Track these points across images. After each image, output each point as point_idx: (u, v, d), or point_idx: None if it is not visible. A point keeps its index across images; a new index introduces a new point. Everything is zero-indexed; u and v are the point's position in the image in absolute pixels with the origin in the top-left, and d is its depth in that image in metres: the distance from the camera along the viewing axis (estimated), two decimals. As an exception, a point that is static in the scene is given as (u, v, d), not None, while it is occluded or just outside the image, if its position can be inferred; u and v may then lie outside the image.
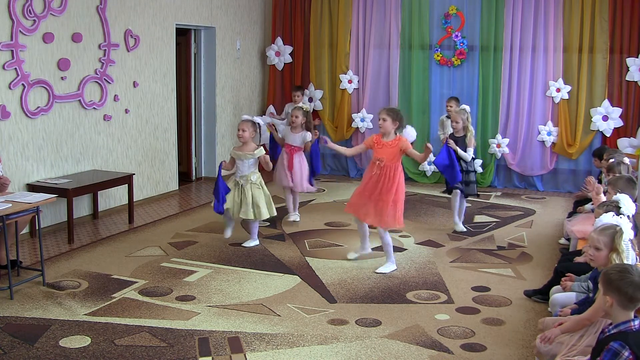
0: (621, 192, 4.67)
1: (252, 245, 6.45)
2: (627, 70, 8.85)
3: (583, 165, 9.28)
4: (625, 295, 2.87)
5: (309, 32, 10.27)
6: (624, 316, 2.90)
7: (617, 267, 3.02)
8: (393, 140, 5.67)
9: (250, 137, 6.35)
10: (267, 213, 6.36)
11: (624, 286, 2.87)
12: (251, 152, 6.30)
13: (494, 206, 8.44)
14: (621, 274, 2.90)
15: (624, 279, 2.88)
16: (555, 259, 6.02)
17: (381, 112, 5.75)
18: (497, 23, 9.36)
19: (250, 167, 6.35)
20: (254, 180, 6.32)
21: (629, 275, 2.89)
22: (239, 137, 6.36)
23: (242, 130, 6.31)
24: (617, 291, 2.88)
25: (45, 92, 6.65)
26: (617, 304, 2.89)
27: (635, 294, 2.87)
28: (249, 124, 6.35)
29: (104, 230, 6.96)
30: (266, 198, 6.37)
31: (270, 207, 6.40)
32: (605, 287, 2.94)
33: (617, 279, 2.89)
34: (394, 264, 5.86)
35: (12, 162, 6.35)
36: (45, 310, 4.78)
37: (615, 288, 2.89)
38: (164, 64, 8.40)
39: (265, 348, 4.24)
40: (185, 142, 9.50)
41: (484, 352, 4.27)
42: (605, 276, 2.96)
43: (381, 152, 5.69)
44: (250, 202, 6.27)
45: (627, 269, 2.95)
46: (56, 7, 6.66)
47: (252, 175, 6.33)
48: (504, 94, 9.44)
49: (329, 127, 10.33)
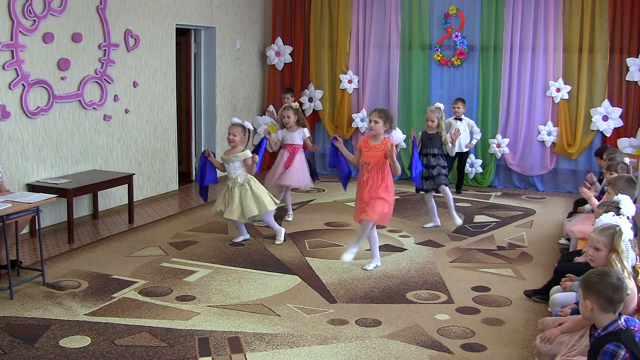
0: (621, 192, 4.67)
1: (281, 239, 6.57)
2: (627, 70, 8.85)
3: (583, 165, 9.28)
4: (604, 298, 2.88)
5: (309, 32, 10.27)
6: (607, 318, 2.90)
7: (596, 271, 3.02)
8: (380, 144, 5.63)
9: (241, 141, 6.37)
10: (255, 211, 6.31)
11: (603, 289, 2.88)
12: (235, 155, 6.33)
13: (494, 206, 8.44)
14: (600, 277, 2.92)
15: (602, 282, 2.90)
16: (555, 259, 6.02)
17: (372, 114, 5.70)
18: (497, 23, 9.36)
19: (237, 170, 6.35)
20: (240, 182, 6.32)
21: (607, 278, 2.91)
22: (229, 142, 6.39)
23: (233, 134, 6.34)
24: (596, 294, 2.89)
25: (45, 92, 6.65)
26: (597, 308, 2.90)
27: (614, 296, 2.88)
28: (240, 129, 6.37)
29: (104, 230, 6.96)
30: (254, 196, 6.33)
31: (260, 203, 6.32)
32: (584, 292, 2.95)
33: (596, 282, 2.91)
34: (378, 260, 5.90)
35: (12, 162, 6.35)
36: (45, 310, 4.78)
37: (594, 291, 2.90)
38: (164, 64, 8.40)
39: (265, 348, 4.24)
40: (185, 142, 9.50)
41: (484, 352, 4.27)
42: (584, 281, 2.98)
43: (368, 155, 5.68)
44: (237, 203, 6.28)
45: (606, 272, 2.96)
46: (56, 7, 6.66)
47: (239, 178, 6.33)
48: (504, 94, 9.44)
49: (329, 127, 10.33)
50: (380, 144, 5.62)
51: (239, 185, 6.32)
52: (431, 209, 7.26)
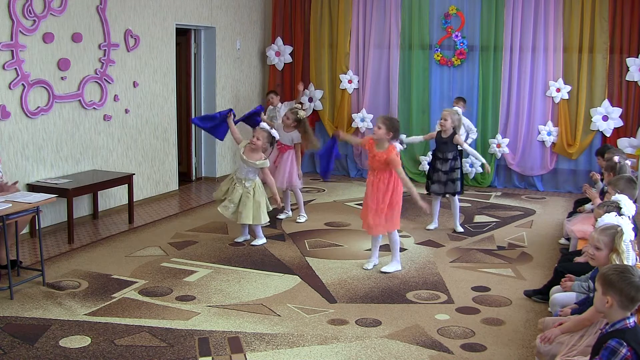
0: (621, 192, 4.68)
1: (259, 244, 6.48)
2: (627, 70, 8.85)
3: (583, 165, 9.29)
4: (626, 296, 2.88)
5: (309, 32, 10.27)
6: (621, 315, 2.91)
7: (617, 268, 3.01)
8: (384, 152, 5.58)
9: (262, 147, 6.35)
10: (249, 220, 6.29)
11: (626, 287, 2.88)
12: (254, 162, 6.29)
13: (494, 206, 8.44)
14: (622, 275, 2.91)
15: (626, 280, 2.89)
16: (555, 259, 6.02)
17: (378, 119, 5.71)
18: (497, 23, 9.36)
19: (249, 174, 6.33)
20: (247, 186, 6.31)
21: (630, 276, 2.90)
22: (252, 143, 6.33)
23: (257, 138, 6.30)
24: (619, 292, 2.88)
25: (45, 92, 6.65)
26: (618, 305, 2.89)
27: (637, 294, 2.88)
28: (265, 134, 6.34)
29: (104, 230, 6.96)
30: (254, 205, 6.30)
31: (257, 215, 6.31)
32: (604, 288, 2.94)
33: (618, 280, 2.90)
34: (399, 264, 5.85)
35: (12, 162, 6.35)
36: (45, 310, 4.77)
37: (617, 289, 2.89)
38: (164, 64, 8.40)
39: (265, 348, 4.24)
40: (185, 142, 9.50)
41: (484, 352, 4.27)
42: (604, 277, 2.96)
43: (372, 161, 5.67)
44: (235, 203, 6.27)
45: (627, 270, 2.95)
46: (56, 7, 6.66)
47: (247, 182, 6.32)
48: (504, 94, 9.44)
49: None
50: (384, 152, 5.58)
51: (244, 187, 6.31)
52: (435, 212, 7.24)
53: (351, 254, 6.30)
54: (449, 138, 6.93)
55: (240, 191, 6.29)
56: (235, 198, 6.28)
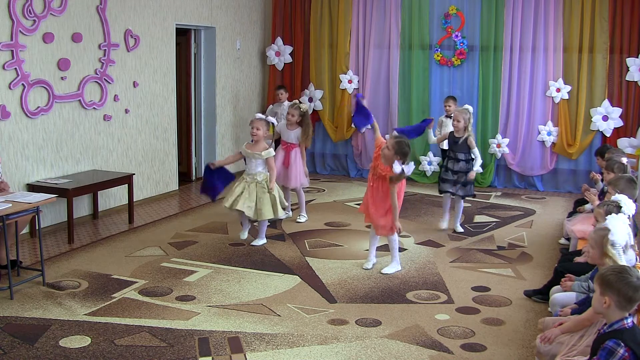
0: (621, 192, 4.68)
1: (259, 244, 6.46)
2: (627, 70, 8.85)
3: (583, 165, 9.29)
4: (624, 297, 2.88)
5: (309, 32, 10.27)
6: (619, 316, 2.91)
7: (615, 269, 3.02)
8: (387, 167, 5.51)
9: (263, 135, 6.33)
10: (270, 214, 6.30)
11: (624, 287, 2.88)
12: (259, 152, 6.29)
13: (494, 206, 8.44)
14: (620, 275, 2.92)
15: (623, 280, 2.89)
16: (555, 259, 6.02)
17: (389, 140, 5.56)
18: (497, 23, 9.36)
19: (258, 167, 6.31)
20: (259, 180, 6.29)
21: (628, 277, 2.90)
22: (253, 135, 6.30)
23: (257, 128, 6.26)
24: (617, 292, 2.89)
25: (45, 92, 6.65)
26: (615, 305, 2.90)
27: (634, 295, 2.88)
28: (263, 123, 6.31)
29: (104, 230, 6.96)
30: (272, 199, 6.30)
31: (276, 208, 6.33)
32: (602, 288, 2.95)
33: (616, 280, 2.90)
34: (399, 265, 5.85)
35: (12, 162, 6.35)
36: (45, 310, 4.77)
37: (615, 289, 2.90)
38: (164, 64, 8.40)
39: (265, 348, 4.24)
40: (185, 142, 9.50)
41: (484, 352, 4.27)
42: (602, 277, 2.97)
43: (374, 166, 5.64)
44: (253, 201, 6.25)
45: (625, 270, 2.96)
46: (56, 7, 6.66)
47: (258, 176, 6.30)
48: (504, 94, 9.44)
49: (329, 127, 10.33)
50: (387, 167, 5.52)
51: (257, 182, 6.29)
52: (445, 211, 7.22)
53: (351, 254, 6.30)
54: (460, 138, 6.93)
55: (254, 188, 6.26)
56: (252, 197, 6.23)
